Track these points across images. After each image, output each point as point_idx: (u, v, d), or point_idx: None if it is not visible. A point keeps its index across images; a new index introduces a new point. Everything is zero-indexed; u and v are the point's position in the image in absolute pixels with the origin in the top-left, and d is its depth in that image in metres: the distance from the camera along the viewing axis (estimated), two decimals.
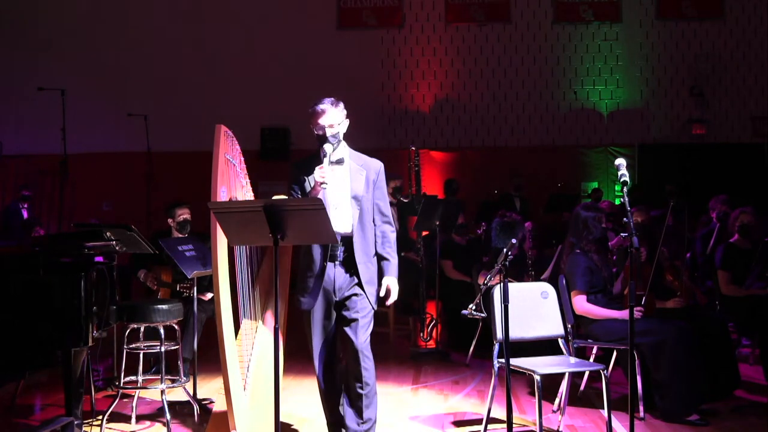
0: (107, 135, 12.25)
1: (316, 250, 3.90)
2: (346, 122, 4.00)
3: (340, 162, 3.93)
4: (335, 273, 3.91)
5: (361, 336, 3.89)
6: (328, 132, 3.87)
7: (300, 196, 3.94)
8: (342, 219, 3.90)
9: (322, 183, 3.70)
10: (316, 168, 3.75)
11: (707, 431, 4.57)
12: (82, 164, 11.70)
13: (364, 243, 3.93)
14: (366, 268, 3.93)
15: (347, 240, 3.90)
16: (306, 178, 3.92)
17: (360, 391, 3.88)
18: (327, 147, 3.81)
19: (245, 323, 4.07)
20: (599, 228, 5.01)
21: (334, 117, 3.89)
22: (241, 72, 12.35)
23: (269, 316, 4.17)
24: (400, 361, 6.65)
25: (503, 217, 7.47)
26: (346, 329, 3.91)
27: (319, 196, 3.79)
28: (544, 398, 4.63)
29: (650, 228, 5.82)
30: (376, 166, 4.03)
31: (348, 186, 3.94)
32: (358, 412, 3.91)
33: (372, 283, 3.95)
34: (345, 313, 3.92)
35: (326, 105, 3.89)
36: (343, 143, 3.99)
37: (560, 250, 5.75)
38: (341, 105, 3.97)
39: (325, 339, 3.99)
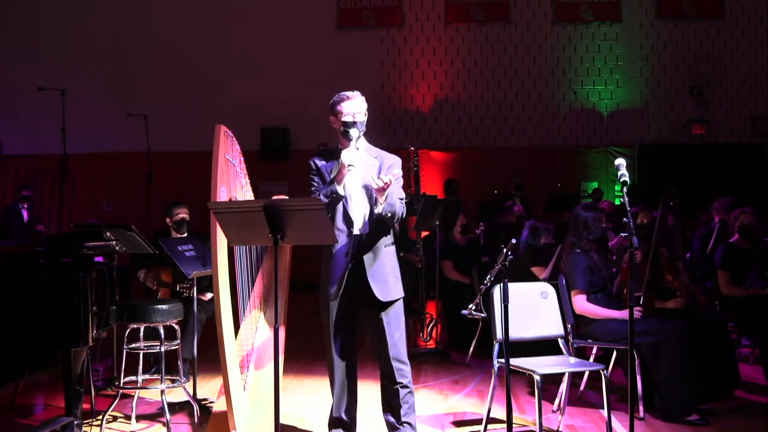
0: (107, 135, 12.26)
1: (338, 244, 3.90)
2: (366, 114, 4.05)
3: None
4: (354, 268, 3.88)
5: (394, 335, 3.89)
6: (357, 118, 3.92)
7: (320, 183, 3.95)
8: (356, 210, 3.90)
9: (348, 165, 3.75)
10: (343, 151, 3.80)
11: (707, 431, 4.56)
12: (82, 164, 11.73)
13: (377, 235, 3.91)
14: (380, 261, 3.89)
15: (360, 234, 3.89)
16: (324, 164, 3.95)
17: (398, 387, 3.89)
18: (353, 132, 3.86)
19: (245, 323, 4.07)
20: (599, 228, 5.01)
21: (361, 105, 3.97)
22: (241, 72, 12.35)
23: (269, 316, 4.17)
24: None
25: (505, 212, 7.54)
26: (375, 333, 3.91)
27: (345, 179, 3.82)
28: (544, 398, 4.63)
29: (653, 228, 5.81)
30: (392, 159, 4.06)
31: (360, 177, 3.95)
32: (396, 413, 3.92)
33: (391, 275, 3.91)
34: (372, 316, 3.89)
35: (355, 93, 3.99)
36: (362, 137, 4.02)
37: (560, 249, 5.75)
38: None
39: (342, 334, 3.96)
